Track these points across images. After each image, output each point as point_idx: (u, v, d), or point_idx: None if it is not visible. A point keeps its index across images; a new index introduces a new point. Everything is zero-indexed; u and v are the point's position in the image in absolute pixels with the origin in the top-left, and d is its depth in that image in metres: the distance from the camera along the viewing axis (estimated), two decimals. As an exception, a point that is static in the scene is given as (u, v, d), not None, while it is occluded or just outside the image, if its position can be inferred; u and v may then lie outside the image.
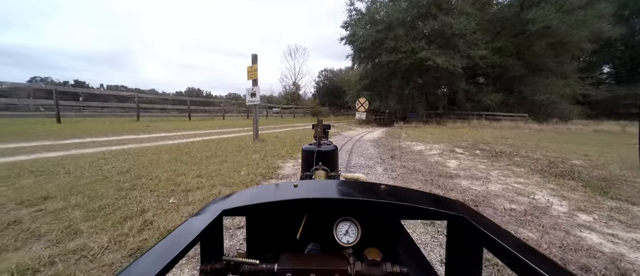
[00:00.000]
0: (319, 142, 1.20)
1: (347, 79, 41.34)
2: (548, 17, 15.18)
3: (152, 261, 0.31)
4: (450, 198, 0.59)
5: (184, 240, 0.36)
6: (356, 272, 0.40)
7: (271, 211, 0.54)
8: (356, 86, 20.14)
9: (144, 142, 5.28)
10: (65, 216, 1.75)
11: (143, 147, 4.66)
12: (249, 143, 5.51)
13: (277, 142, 5.91)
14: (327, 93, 51.48)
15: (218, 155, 4.06)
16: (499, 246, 0.36)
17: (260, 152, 4.56)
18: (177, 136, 6.51)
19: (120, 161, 3.45)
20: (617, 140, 8.15)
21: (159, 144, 5.13)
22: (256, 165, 3.54)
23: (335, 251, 0.46)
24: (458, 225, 0.46)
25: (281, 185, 0.60)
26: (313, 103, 33.31)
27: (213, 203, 0.52)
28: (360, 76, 20.05)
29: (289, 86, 38.96)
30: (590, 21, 15.25)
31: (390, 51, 15.80)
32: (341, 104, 40.39)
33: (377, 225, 0.53)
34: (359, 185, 0.62)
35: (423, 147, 5.90)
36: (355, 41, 18.77)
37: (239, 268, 0.41)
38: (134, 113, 11.42)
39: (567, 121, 17.15)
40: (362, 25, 18.14)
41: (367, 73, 18.63)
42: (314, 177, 1.01)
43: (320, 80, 55.62)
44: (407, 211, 0.54)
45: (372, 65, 19.47)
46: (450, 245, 0.51)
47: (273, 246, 0.54)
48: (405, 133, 10.16)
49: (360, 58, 20.10)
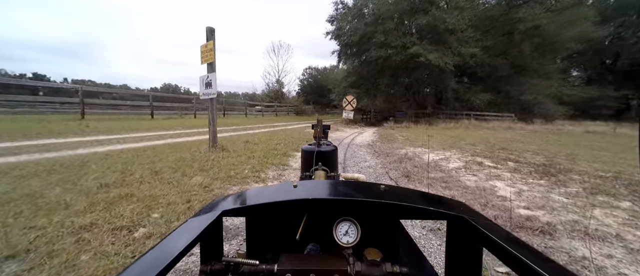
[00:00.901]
0: (318, 142, 1.18)
1: (332, 77, 40.20)
2: (538, 16, 14.80)
3: (152, 262, 0.31)
4: (449, 197, 0.62)
5: (183, 240, 0.36)
6: (356, 272, 0.40)
7: (271, 211, 0.54)
8: (342, 83, 18.84)
9: (44, 152, 3.51)
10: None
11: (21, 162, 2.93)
12: (201, 152, 3.90)
13: (243, 150, 4.33)
14: (311, 91, 50.15)
15: (128, 183, 2.44)
16: (498, 246, 0.36)
17: (211, 170, 3.00)
18: (111, 140, 4.74)
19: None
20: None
21: (60, 156, 3.38)
22: (186, 203, 1.99)
23: (335, 251, 0.45)
24: (458, 225, 0.46)
25: (281, 185, 0.60)
26: (297, 102, 31.60)
27: (213, 204, 0.52)
28: (346, 73, 18.70)
29: (273, 84, 37.11)
30: (578, 21, 15.03)
31: (380, 46, 14.63)
32: (326, 103, 39.31)
33: (376, 225, 0.53)
34: (358, 185, 0.62)
35: (435, 156, 4.61)
36: (341, 35, 17.45)
37: (238, 269, 0.41)
38: (85, 110, 9.25)
39: (551, 121, 17.06)
40: (348, 20, 16.87)
41: (354, 69, 17.33)
42: (314, 177, 0.98)
43: (304, 78, 54.16)
44: (407, 211, 0.54)
45: (360, 62, 18.29)
46: (450, 244, 0.50)
47: (273, 246, 0.53)
48: (400, 135, 8.95)
49: (346, 54, 18.82)
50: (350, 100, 12.60)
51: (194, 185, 2.42)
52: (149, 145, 4.46)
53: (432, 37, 14.59)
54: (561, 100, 17.40)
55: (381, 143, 6.46)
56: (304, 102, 40.10)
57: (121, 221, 1.60)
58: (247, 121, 14.26)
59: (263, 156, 3.94)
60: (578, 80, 29.00)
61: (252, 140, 5.76)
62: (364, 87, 17.49)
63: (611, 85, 23.48)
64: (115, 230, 1.51)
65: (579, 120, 17.46)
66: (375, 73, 17.02)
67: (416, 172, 3.40)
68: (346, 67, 19.54)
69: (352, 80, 17.34)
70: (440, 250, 1.50)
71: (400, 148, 5.47)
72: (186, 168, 3.00)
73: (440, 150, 5.39)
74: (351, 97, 12.77)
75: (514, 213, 2.05)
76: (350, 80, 17.40)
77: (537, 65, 17.51)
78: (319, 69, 53.60)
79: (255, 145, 5.05)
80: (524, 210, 2.16)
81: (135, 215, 1.70)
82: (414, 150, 5.33)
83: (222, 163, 3.33)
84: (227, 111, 20.93)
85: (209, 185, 2.45)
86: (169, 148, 4.20)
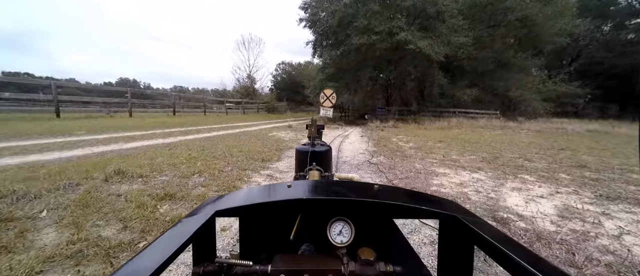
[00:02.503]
0: (312, 142, 1.17)
1: (306, 73, 37.86)
2: (527, 6, 13.80)
3: (143, 263, 0.30)
4: (442, 197, 0.60)
5: (176, 241, 0.35)
6: (350, 272, 0.40)
7: (264, 212, 0.53)
8: (318, 76, 16.48)
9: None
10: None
11: None
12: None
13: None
14: (285, 87, 47.58)
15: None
16: (490, 244, 0.36)
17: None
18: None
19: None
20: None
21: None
22: None
23: (328, 251, 0.45)
24: (450, 224, 0.46)
25: (274, 185, 0.60)
26: (268, 98, 28.77)
27: (206, 204, 0.51)
28: (322, 63, 16.24)
29: (244, 79, 34.38)
30: (564, 12, 14.30)
31: (362, 31, 12.50)
32: (301, 100, 37.20)
33: (370, 225, 0.53)
34: (352, 185, 0.61)
35: (469, 177, 2.45)
36: (316, 21, 15.07)
37: (231, 270, 0.40)
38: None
39: (534, 118, 16.49)
40: (325, 6, 14.50)
41: (332, 59, 14.94)
42: (308, 177, 0.97)
43: (278, 74, 51.17)
44: (400, 211, 0.54)
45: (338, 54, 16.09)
46: (442, 243, 0.50)
47: (266, 247, 0.52)
48: (397, 138, 6.86)
49: (322, 46, 16.47)
50: (329, 94, 10.32)
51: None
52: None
53: (421, 23, 12.80)
54: (545, 96, 16.81)
55: (386, 156, 4.21)
56: (278, 98, 37.70)
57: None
58: (205, 120, 11.28)
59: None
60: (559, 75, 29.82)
61: (167, 161, 3.17)
62: (343, 81, 15.28)
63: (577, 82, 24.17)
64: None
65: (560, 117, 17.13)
66: (356, 64, 14.91)
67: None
68: (322, 60, 17.12)
69: (329, 72, 15.01)
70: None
71: (424, 169, 3.26)
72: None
73: (462, 166, 3.28)
74: (330, 91, 10.51)
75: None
76: (328, 72, 15.06)
77: (519, 61, 16.85)
78: (293, 65, 50.92)
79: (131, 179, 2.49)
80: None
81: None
82: (422, 165, 3.15)
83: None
84: (191, 108, 18.12)
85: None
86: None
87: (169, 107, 14.62)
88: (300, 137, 6.69)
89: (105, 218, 1.62)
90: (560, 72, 20.50)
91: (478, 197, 2.31)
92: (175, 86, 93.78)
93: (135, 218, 1.61)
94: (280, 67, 51.05)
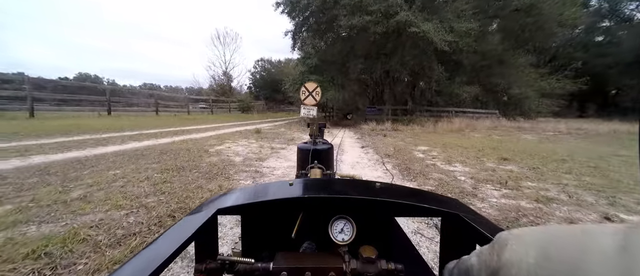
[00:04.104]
0: (314, 141, 1.16)
1: (287, 71, 35.21)
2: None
3: (146, 261, 0.30)
4: (444, 195, 0.61)
5: (178, 239, 0.35)
6: (351, 270, 0.40)
7: (266, 210, 0.53)
8: (298, 68, 13.81)
9: None
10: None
11: None
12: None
13: None
14: (265, 86, 44.58)
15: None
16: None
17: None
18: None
19: None
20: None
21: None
22: None
23: (330, 249, 0.45)
24: (452, 222, 0.46)
25: (276, 183, 0.63)
26: (242, 97, 25.86)
27: (208, 202, 0.51)
28: (303, 53, 13.45)
29: (219, 76, 31.69)
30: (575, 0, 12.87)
31: (352, 11, 10.05)
32: (281, 99, 34.51)
33: (372, 223, 0.52)
34: (354, 183, 0.62)
35: None
36: (297, 3, 12.39)
37: (234, 268, 0.40)
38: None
39: (535, 118, 15.12)
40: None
41: (314, 48, 12.22)
42: (310, 176, 0.96)
43: (256, 71, 47.75)
44: (402, 209, 0.53)
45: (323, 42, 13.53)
46: (444, 241, 0.50)
47: (268, 245, 0.52)
48: (414, 148, 4.43)
49: (303, 35, 13.79)
50: (313, 89, 7.76)
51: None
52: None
53: (424, 4, 10.57)
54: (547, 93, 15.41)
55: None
56: (255, 97, 35.01)
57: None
58: (145, 122, 8.17)
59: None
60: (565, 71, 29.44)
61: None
62: (328, 74, 12.69)
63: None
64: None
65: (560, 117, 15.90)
66: (343, 55, 12.44)
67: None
68: (303, 51, 14.39)
69: (311, 64, 12.31)
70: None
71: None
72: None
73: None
74: (314, 85, 7.93)
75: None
76: (310, 64, 12.36)
77: (512, 58, 15.39)
78: (272, 62, 47.80)
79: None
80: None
81: None
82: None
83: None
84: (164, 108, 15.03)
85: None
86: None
87: (102, 105, 11.24)
88: (268, 153, 4.01)
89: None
90: (557, 69, 19.45)
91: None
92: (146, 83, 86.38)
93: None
94: (259, 64, 47.75)
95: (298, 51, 14.99)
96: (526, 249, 0.21)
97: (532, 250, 0.21)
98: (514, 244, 0.23)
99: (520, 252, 0.21)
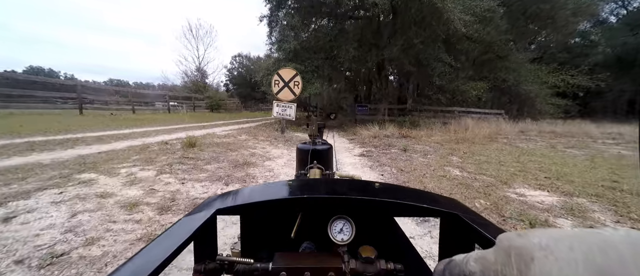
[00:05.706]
0: (313, 141, 1.14)
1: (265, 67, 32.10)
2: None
3: (144, 261, 0.30)
4: (443, 195, 0.59)
5: (177, 239, 0.35)
6: (350, 270, 0.40)
7: (265, 210, 0.53)
8: (274, 55, 10.90)
9: None
10: None
11: None
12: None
13: None
14: (242, 83, 41.27)
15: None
16: (491, 242, 0.36)
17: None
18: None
19: None
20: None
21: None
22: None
23: (329, 249, 0.45)
24: (451, 222, 0.46)
25: (276, 184, 0.61)
26: (210, 93, 22.64)
27: (207, 202, 0.51)
28: (280, 36, 10.46)
29: (192, 72, 28.96)
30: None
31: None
32: (260, 97, 31.61)
33: (371, 223, 0.53)
34: (353, 184, 0.62)
35: None
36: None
37: (233, 268, 0.40)
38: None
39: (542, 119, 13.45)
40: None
41: (292, 27, 9.30)
42: (309, 176, 0.95)
43: (233, 68, 44.02)
44: (401, 209, 0.53)
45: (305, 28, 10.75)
46: (443, 241, 0.50)
47: (267, 245, 0.52)
48: (478, 173, 1.87)
49: (280, 20, 10.80)
50: (290, 78, 4.83)
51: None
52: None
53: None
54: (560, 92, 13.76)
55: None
56: (230, 95, 31.94)
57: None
58: (90, 123, 4.90)
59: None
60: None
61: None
62: (310, 63, 9.87)
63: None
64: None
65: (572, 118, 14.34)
66: (330, 39, 9.75)
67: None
68: (279, 35, 11.44)
69: (289, 49, 9.41)
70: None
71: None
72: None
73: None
74: (292, 72, 4.98)
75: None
76: (287, 48, 9.45)
77: (513, 53, 13.70)
78: (251, 58, 44.24)
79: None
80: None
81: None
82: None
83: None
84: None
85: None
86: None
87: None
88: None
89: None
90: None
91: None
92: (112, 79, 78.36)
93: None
94: (237, 60, 44.10)
95: (275, 40, 12.02)
96: (568, 261, 0.16)
97: (577, 263, 0.16)
98: (546, 254, 0.17)
99: (561, 266, 0.16)
